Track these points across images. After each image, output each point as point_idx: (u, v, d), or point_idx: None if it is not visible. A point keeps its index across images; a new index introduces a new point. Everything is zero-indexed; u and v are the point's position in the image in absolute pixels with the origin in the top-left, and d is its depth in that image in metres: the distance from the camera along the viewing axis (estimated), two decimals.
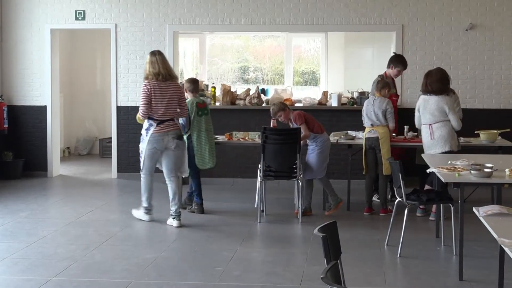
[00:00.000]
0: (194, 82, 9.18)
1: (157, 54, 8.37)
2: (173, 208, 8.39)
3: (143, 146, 8.44)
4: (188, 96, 9.03)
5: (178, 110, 8.43)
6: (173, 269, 6.65)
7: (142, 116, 8.33)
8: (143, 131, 8.49)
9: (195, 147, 8.92)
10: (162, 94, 8.26)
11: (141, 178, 8.62)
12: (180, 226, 8.31)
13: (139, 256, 7.04)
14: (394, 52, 9.92)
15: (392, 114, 8.86)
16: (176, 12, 11.43)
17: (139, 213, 8.69)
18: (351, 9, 11.15)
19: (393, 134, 9.17)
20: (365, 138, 8.96)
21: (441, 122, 8.28)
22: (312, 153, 8.81)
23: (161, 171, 8.60)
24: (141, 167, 8.57)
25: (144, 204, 8.62)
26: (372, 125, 8.88)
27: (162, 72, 8.24)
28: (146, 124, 8.41)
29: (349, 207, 9.25)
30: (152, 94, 8.22)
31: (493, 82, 11.07)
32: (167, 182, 8.52)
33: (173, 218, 8.36)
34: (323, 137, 8.84)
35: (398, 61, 9.68)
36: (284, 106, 8.87)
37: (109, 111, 12.18)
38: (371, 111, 8.87)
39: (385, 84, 8.98)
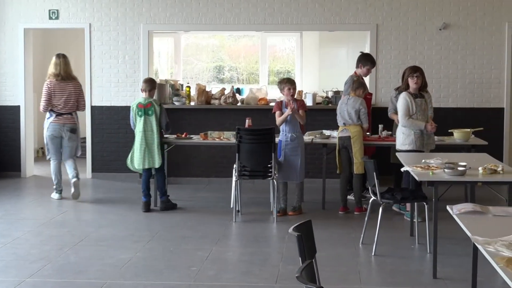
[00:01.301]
0: (146, 81, 9.30)
1: (61, 57, 9.81)
2: (72, 174, 9.84)
3: (45, 133, 9.83)
4: (143, 96, 9.11)
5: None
6: (148, 269, 6.62)
7: (42, 110, 9.80)
8: (45, 121, 9.87)
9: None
10: (61, 92, 9.69)
11: (50, 163, 9.94)
12: (77, 196, 9.76)
13: (114, 256, 7.01)
14: (361, 52, 9.95)
15: (365, 114, 8.90)
16: (151, 12, 11.40)
17: (52, 194, 9.96)
18: (325, 9, 11.18)
19: (367, 133, 9.21)
20: (338, 137, 9.00)
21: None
22: (296, 154, 8.76)
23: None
24: (47, 153, 9.93)
25: (55, 185, 9.93)
26: (344, 124, 8.92)
27: (61, 73, 9.70)
28: (47, 114, 9.78)
29: (324, 206, 9.28)
30: (52, 92, 9.66)
31: (466, 81, 11.15)
32: (65, 163, 9.94)
33: (72, 185, 9.78)
34: (303, 136, 8.89)
35: (366, 59, 9.73)
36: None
37: (83, 111, 12.09)
38: (344, 110, 8.91)
39: (360, 84, 9.02)
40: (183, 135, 9.63)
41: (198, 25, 11.46)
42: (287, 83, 8.76)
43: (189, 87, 11.52)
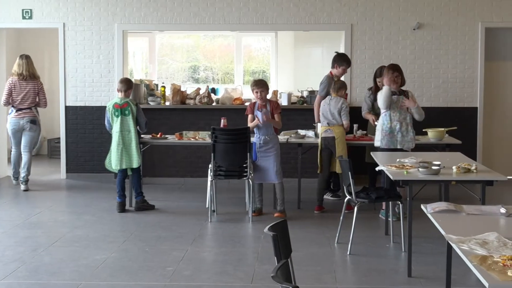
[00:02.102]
0: (122, 81, 9.28)
1: (23, 58, 10.78)
2: (22, 175, 10.62)
3: (7, 127, 10.88)
4: (119, 96, 9.09)
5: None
6: (123, 269, 6.60)
7: (2, 104, 10.82)
8: (7, 116, 10.96)
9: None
10: (20, 89, 10.66)
11: (11, 153, 10.92)
12: (27, 190, 10.54)
13: (89, 257, 6.98)
14: (336, 52, 9.98)
15: (346, 112, 8.94)
16: (125, 11, 11.35)
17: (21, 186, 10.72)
18: (300, 9, 11.20)
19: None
20: (322, 137, 8.98)
21: None
22: (269, 156, 8.74)
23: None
24: (11, 144, 10.88)
25: (12, 173, 10.99)
26: (328, 124, 8.92)
27: (23, 73, 10.68)
28: (9, 110, 10.85)
29: (300, 205, 9.30)
30: (12, 88, 10.66)
31: (440, 80, 11.23)
32: (22, 154, 10.76)
33: (21, 183, 10.62)
34: (277, 137, 8.87)
35: (341, 59, 9.75)
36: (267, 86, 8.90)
37: (58, 111, 12.03)
38: (327, 110, 8.92)
39: (342, 85, 9.04)
40: (158, 135, 9.60)
41: (172, 24, 11.43)
42: (255, 86, 8.70)
43: (164, 87, 11.49)
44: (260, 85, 8.71)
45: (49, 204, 9.66)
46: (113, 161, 9.03)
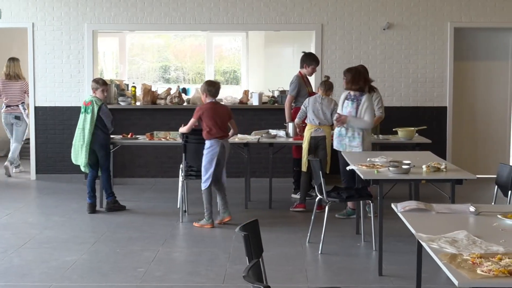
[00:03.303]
0: (93, 81, 9.28)
1: (11, 61, 12.03)
2: (13, 162, 12.04)
3: (2, 121, 12.25)
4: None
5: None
6: (94, 271, 6.57)
7: None
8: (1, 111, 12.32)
9: None
10: (7, 88, 11.97)
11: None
12: (9, 175, 11.81)
13: (59, 258, 6.93)
14: (303, 52, 10.00)
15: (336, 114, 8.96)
16: (95, 11, 11.28)
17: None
18: (271, 9, 11.21)
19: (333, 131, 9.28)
20: (311, 136, 8.94)
21: None
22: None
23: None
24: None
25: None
26: (320, 123, 8.91)
27: (11, 73, 11.95)
28: (2, 106, 12.11)
29: (271, 205, 9.30)
30: (1, 88, 11.93)
31: (410, 80, 11.30)
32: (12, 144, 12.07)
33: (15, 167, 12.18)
34: (209, 143, 8.37)
35: (310, 59, 9.78)
36: (203, 91, 8.51)
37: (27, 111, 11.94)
38: (319, 110, 8.89)
39: (331, 86, 9.05)
40: (128, 136, 9.56)
41: (143, 24, 11.38)
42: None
43: (134, 87, 11.43)
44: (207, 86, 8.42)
45: (18, 205, 9.57)
46: (72, 154, 8.99)
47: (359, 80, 8.27)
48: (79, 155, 8.96)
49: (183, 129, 8.51)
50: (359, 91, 8.28)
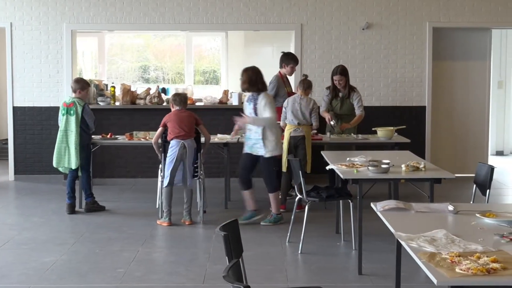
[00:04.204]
0: (74, 81, 9.26)
1: None
2: None
3: None
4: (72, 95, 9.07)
5: None
6: (73, 271, 6.54)
7: None
8: None
9: None
10: None
11: None
12: None
13: (38, 259, 6.89)
14: (282, 52, 10.01)
15: (317, 113, 8.97)
16: (74, 11, 11.23)
17: None
18: (250, 8, 11.21)
19: (315, 131, 9.28)
20: (290, 136, 8.94)
21: None
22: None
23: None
24: None
25: None
26: (299, 123, 8.91)
27: None
28: None
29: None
30: None
31: (389, 80, 11.34)
32: None
33: None
34: (171, 143, 8.39)
35: (289, 58, 9.80)
36: (170, 101, 8.65)
37: (5, 112, 11.86)
38: (297, 109, 8.89)
39: (310, 84, 9.05)
40: (108, 136, 9.52)
41: (122, 24, 11.34)
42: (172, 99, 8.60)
43: (113, 87, 11.39)
44: (176, 99, 8.56)
45: None
46: (54, 159, 8.94)
47: (256, 81, 8.22)
48: (62, 158, 8.90)
49: (153, 140, 8.63)
50: (257, 92, 8.27)
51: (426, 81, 11.35)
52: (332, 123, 9.37)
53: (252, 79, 8.23)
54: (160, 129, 8.48)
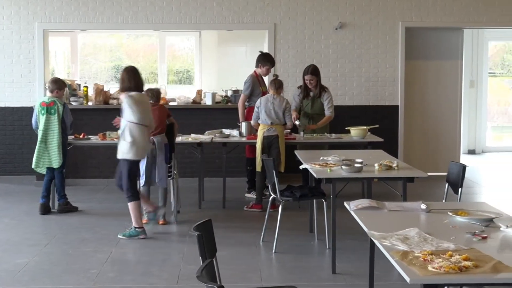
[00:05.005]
0: (51, 81, 9.20)
1: None
2: None
3: None
4: (48, 95, 9.03)
5: None
6: (46, 273, 6.49)
7: None
8: None
9: None
10: None
11: None
12: None
13: (10, 261, 6.83)
14: (260, 51, 10.03)
15: (290, 112, 8.98)
16: (46, 10, 11.14)
17: None
18: (223, 8, 11.20)
19: (288, 130, 9.29)
20: (264, 136, 8.94)
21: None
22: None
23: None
24: None
25: None
26: (272, 123, 8.91)
27: None
28: None
29: (225, 205, 9.29)
30: None
31: (362, 79, 11.39)
32: None
33: None
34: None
35: (266, 59, 9.81)
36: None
37: None
38: (270, 109, 8.89)
39: (281, 84, 9.06)
40: (80, 136, 9.47)
41: (95, 24, 11.28)
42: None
43: (86, 87, 11.31)
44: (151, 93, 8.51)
45: None
46: (34, 159, 8.87)
47: (128, 80, 7.87)
48: (41, 158, 8.83)
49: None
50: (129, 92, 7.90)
51: (399, 80, 11.40)
52: (297, 122, 9.37)
53: (124, 79, 7.90)
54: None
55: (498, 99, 16.89)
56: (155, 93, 8.54)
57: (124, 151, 7.75)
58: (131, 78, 7.83)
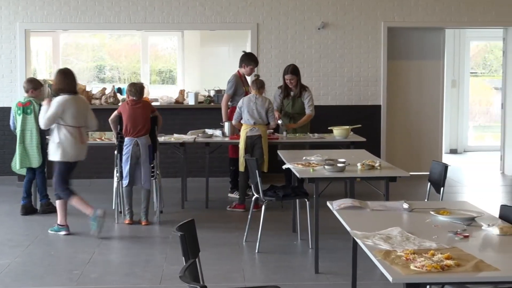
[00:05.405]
0: (27, 81, 9.19)
1: None
2: None
3: None
4: (25, 95, 9.02)
5: None
6: (28, 274, 6.46)
7: None
8: None
9: None
10: None
11: None
12: None
13: None
14: (243, 51, 10.03)
15: (273, 112, 8.98)
16: (27, 10, 11.09)
17: None
18: (206, 8, 11.19)
19: (271, 130, 9.30)
20: (247, 136, 8.94)
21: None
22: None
23: None
24: None
25: None
26: (255, 123, 8.91)
27: None
28: None
29: (208, 205, 9.28)
30: None
31: (344, 79, 11.41)
32: None
33: None
34: (125, 141, 8.40)
35: (250, 59, 9.82)
36: (126, 92, 8.69)
37: None
38: (253, 109, 8.89)
39: (263, 84, 9.07)
40: None
41: (77, 23, 11.23)
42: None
43: None
44: (132, 88, 8.51)
45: None
46: (17, 161, 8.83)
47: (58, 83, 7.91)
48: (23, 159, 8.78)
49: (109, 119, 8.60)
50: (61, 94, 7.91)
51: (381, 80, 11.44)
52: (279, 122, 9.38)
53: (57, 81, 7.95)
54: (115, 114, 8.51)
55: (480, 98, 17.00)
56: (138, 89, 8.49)
57: (51, 152, 7.91)
58: (63, 81, 7.92)
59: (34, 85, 9.01)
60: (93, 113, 8.30)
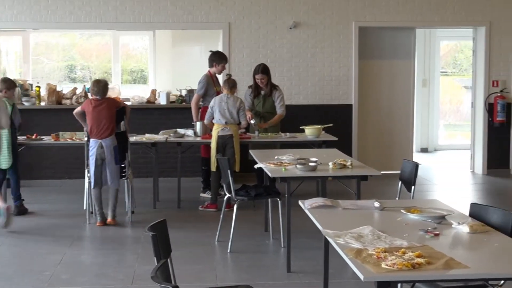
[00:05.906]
0: (3, 81, 9.06)
1: None
2: None
3: None
4: None
5: None
6: None
7: None
8: None
9: None
10: None
11: None
12: None
13: None
14: (210, 51, 10.00)
15: (244, 112, 8.97)
16: None
17: None
18: (177, 7, 11.16)
19: (243, 130, 9.29)
20: (218, 135, 8.92)
21: None
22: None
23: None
24: None
25: None
26: (226, 122, 8.89)
27: None
28: None
29: (180, 205, 9.26)
30: None
31: (316, 78, 11.44)
32: None
33: None
34: (90, 143, 8.38)
35: (220, 57, 9.80)
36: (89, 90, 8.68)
37: None
38: (225, 108, 8.87)
39: (235, 83, 9.05)
40: (33, 136, 9.35)
41: (47, 23, 11.15)
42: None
43: (39, 87, 11.18)
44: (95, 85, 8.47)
45: None
46: None
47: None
48: None
49: (74, 112, 8.55)
50: None
51: (353, 79, 11.49)
52: (252, 122, 9.38)
53: None
54: (79, 110, 8.46)
55: (450, 97, 17.14)
56: (102, 87, 8.38)
57: None
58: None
59: (8, 85, 8.92)
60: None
